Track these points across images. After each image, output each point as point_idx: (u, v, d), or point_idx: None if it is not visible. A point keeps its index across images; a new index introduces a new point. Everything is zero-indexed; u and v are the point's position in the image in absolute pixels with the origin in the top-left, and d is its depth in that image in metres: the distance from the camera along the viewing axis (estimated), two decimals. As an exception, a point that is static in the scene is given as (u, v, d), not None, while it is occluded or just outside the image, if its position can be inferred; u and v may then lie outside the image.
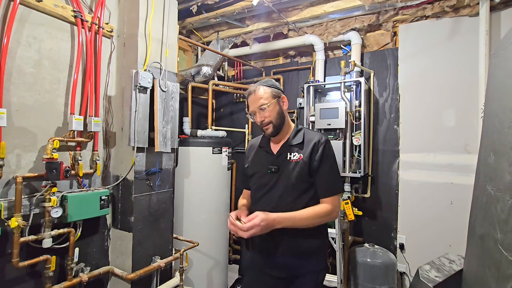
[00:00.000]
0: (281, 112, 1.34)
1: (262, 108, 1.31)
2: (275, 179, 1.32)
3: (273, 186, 1.32)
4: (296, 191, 1.29)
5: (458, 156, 2.57)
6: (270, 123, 1.31)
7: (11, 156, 1.58)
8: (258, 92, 1.33)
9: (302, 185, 1.29)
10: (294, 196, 1.29)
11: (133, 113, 1.96)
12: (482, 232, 1.27)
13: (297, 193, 1.29)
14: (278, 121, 1.32)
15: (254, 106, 1.33)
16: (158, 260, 2.14)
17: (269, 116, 1.30)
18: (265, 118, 1.31)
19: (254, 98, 1.33)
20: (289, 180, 1.29)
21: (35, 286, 1.70)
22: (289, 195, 1.29)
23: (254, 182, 1.42)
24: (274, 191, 1.32)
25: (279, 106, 1.33)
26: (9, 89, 1.58)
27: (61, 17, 1.80)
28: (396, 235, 2.84)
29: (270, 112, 1.30)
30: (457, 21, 2.61)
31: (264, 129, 1.34)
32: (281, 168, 1.32)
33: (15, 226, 1.49)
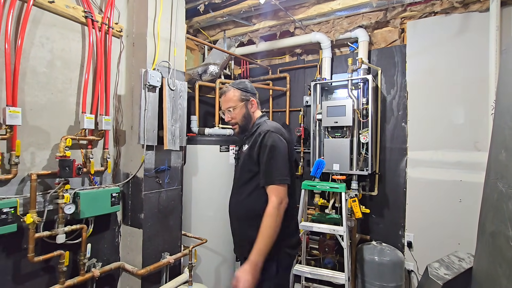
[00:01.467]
0: (247, 114, 1.47)
1: (229, 110, 1.46)
2: (238, 168, 1.52)
3: (236, 174, 1.53)
4: (243, 178, 1.44)
5: (467, 154, 2.55)
6: (236, 124, 1.47)
7: (25, 154, 1.62)
8: (227, 94, 1.47)
9: (247, 174, 1.43)
10: (241, 183, 1.44)
11: (142, 111, 1.99)
12: (492, 230, 1.27)
13: (244, 180, 1.43)
14: (243, 123, 1.46)
15: (223, 106, 1.50)
16: (168, 256, 2.17)
17: (234, 117, 1.46)
18: (231, 119, 1.46)
19: (224, 99, 1.49)
20: (241, 167, 1.46)
21: (49, 280, 1.75)
22: (241, 182, 1.45)
23: None
24: (236, 179, 1.52)
25: (245, 108, 1.46)
26: (23, 88, 1.62)
27: (72, 18, 1.83)
28: (403, 233, 2.83)
29: (236, 115, 1.45)
30: (467, 17, 2.57)
31: (233, 128, 1.52)
32: (241, 157, 1.50)
33: (30, 222, 1.53)
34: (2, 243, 1.54)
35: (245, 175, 1.43)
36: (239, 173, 1.48)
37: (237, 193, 1.47)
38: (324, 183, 2.61)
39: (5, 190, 1.54)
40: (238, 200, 1.46)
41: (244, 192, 1.42)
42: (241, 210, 1.44)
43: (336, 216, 2.72)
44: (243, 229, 1.43)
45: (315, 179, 2.69)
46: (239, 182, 1.47)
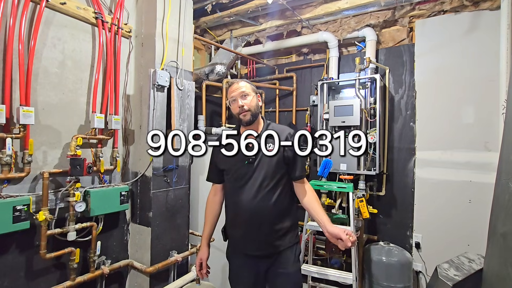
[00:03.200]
0: (258, 105, 1.46)
1: (244, 95, 1.42)
2: (253, 169, 1.40)
3: (251, 176, 1.41)
4: (274, 179, 1.40)
5: (477, 154, 2.51)
6: (249, 111, 1.41)
7: (38, 153, 1.66)
8: (241, 82, 1.46)
9: (278, 174, 1.41)
10: (272, 185, 1.40)
11: (151, 111, 2.02)
12: (504, 231, 1.25)
13: (274, 182, 1.40)
14: (255, 110, 1.43)
15: (236, 92, 1.43)
16: (175, 254, 2.19)
17: (249, 104, 1.41)
18: (245, 104, 1.41)
19: (237, 87, 1.45)
20: (267, 169, 1.40)
21: (60, 277, 1.78)
22: (268, 183, 1.39)
23: (231, 174, 1.48)
24: (253, 181, 1.40)
25: (256, 100, 1.46)
26: (36, 88, 1.65)
27: (83, 19, 1.86)
28: (412, 233, 2.80)
29: (251, 101, 1.42)
30: (477, 15, 2.53)
31: (242, 115, 1.42)
32: (258, 158, 1.41)
33: (43, 219, 1.57)
34: (16, 240, 1.58)
35: (275, 176, 1.40)
36: (264, 175, 1.39)
37: (263, 195, 1.39)
38: (331, 183, 2.60)
39: (18, 188, 1.58)
40: (270, 202, 1.39)
41: (275, 192, 1.40)
42: (276, 210, 1.40)
43: (343, 216, 2.71)
44: (277, 226, 1.42)
45: (322, 179, 2.69)
46: (265, 183, 1.39)
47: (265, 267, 1.46)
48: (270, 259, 1.45)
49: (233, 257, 1.56)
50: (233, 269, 1.56)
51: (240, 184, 1.43)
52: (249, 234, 1.43)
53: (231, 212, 1.51)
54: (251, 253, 1.46)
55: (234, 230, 1.51)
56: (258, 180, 1.39)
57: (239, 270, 1.53)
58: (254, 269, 1.47)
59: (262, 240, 1.42)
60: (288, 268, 1.44)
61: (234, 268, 1.56)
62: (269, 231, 1.41)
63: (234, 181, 1.46)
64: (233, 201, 1.47)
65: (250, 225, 1.41)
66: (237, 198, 1.44)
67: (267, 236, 1.41)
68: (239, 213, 1.44)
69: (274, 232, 1.42)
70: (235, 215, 1.47)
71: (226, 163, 1.50)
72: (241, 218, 1.44)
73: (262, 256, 1.45)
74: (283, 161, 1.42)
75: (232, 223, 1.51)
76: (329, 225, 1.32)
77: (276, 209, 1.41)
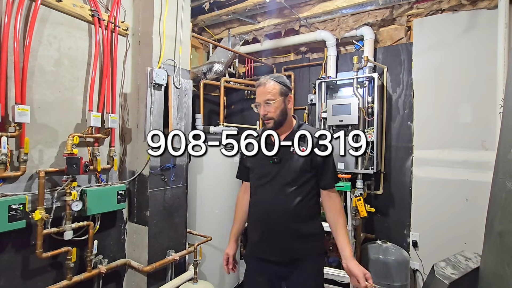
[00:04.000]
0: (285, 110, 1.38)
1: (268, 103, 1.34)
2: (277, 170, 1.35)
3: (275, 176, 1.36)
4: (297, 182, 1.34)
5: (474, 153, 2.52)
6: (272, 119, 1.35)
7: (34, 152, 1.65)
8: (267, 85, 1.35)
9: (303, 177, 1.34)
10: (295, 186, 1.33)
11: (148, 109, 2.01)
12: (500, 229, 1.26)
13: (298, 184, 1.34)
14: (279, 118, 1.36)
15: (260, 98, 1.36)
16: (173, 253, 2.19)
17: (273, 112, 1.34)
18: (268, 113, 1.34)
19: (262, 91, 1.36)
20: (292, 171, 1.34)
21: (57, 276, 1.77)
22: (292, 185, 1.33)
23: (255, 173, 1.45)
24: (277, 181, 1.35)
25: (284, 104, 1.37)
26: (32, 87, 1.64)
27: (79, 16, 1.84)
28: (409, 232, 2.81)
29: (275, 109, 1.34)
30: (474, 14, 2.54)
31: (266, 122, 1.38)
32: (283, 159, 1.35)
33: (39, 219, 1.55)
34: (11, 239, 1.57)
35: (299, 178, 1.34)
36: (287, 176, 1.34)
37: (284, 197, 1.33)
38: (329, 182, 2.60)
39: (14, 187, 1.56)
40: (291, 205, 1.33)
41: (298, 195, 1.33)
42: (297, 214, 1.33)
43: (341, 215, 2.71)
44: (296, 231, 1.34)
45: (320, 178, 2.69)
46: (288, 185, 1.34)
47: (282, 274, 1.39)
48: (288, 267, 1.37)
49: (250, 260, 1.49)
50: (249, 272, 1.48)
51: (262, 183, 1.39)
52: (266, 236, 1.37)
53: (251, 211, 1.47)
54: (268, 258, 1.39)
55: (252, 231, 1.45)
56: (281, 181, 1.34)
57: (255, 274, 1.45)
58: (270, 275, 1.40)
59: (279, 244, 1.35)
60: (308, 281, 1.35)
61: (250, 271, 1.48)
62: (287, 236, 1.34)
63: (257, 180, 1.43)
64: (254, 201, 1.43)
65: (267, 226, 1.36)
66: (257, 197, 1.40)
67: (284, 240, 1.34)
68: (258, 213, 1.40)
69: (292, 237, 1.34)
70: (255, 215, 1.43)
71: (251, 161, 1.46)
72: (260, 219, 1.39)
73: (279, 262, 1.37)
74: (310, 164, 1.34)
75: (252, 224, 1.46)
76: (350, 260, 1.27)
77: (297, 213, 1.33)
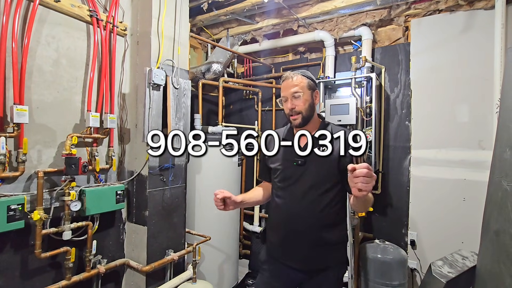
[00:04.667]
0: (313, 105, 1.30)
1: (296, 96, 1.26)
2: (301, 172, 1.28)
3: (298, 178, 1.28)
4: (324, 185, 1.26)
5: (471, 152, 2.54)
6: (300, 114, 1.27)
7: (32, 152, 1.65)
8: (294, 78, 1.28)
9: (330, 180, 1.26)
10: (321, 191, 1.26)
11: (147, 110, 2.01)
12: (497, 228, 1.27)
13: (325, 188, 1.26)
14: (308, 113, 1.28)
15: (287, 91, 1.28)
16: (172, 253, 2.19)
17: (301, 105, 1.26)
18: (296, 106, 1.26)
19: (289, 84, 1.28)
20: (318, 173, 1.26)
21: (56, 276, 1.77)
22: (317, 189, 1.26)
23: (278, 174, 1.36)
24: (300, 184, 1.28)
25: (311, 98, 1.29)
26: (30, 87, 1.64)
27: (77, 17, 1.85)
28: (407, 231, 2.83)
29: (303, 102, 1.26)
30: (472, 15, 2.55)
31: (292, 118, 1.29)
32: (309, 161, 1.27)
33: (38, 219, 1.56)
34: (10, 239, 1.57)
35: (326, 181, 1.25)
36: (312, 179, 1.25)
37: (310, 201, 1.25)
38: (327, 182, 2.61)
39: (12, 187, 1.57)
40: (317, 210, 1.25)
41: (323, 200, 1.25)
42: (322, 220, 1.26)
43: (339, 215, 2.72)
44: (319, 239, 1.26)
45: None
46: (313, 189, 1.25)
47: (299, 280, 1.33)
48: (307, 274, 1.31)
49: (267, 263, 1.42)
50: (265, 276, 1.42)
51: (285, 185, 1.32)
52: (287, 242, 1.31)
53: (273, 214, 1.41)
54: (287, 263, 1.32)
55: (273, 234, 1.38)
56: (306, 184, 1.26)
57: (271, 279, 1.39)
58: (288, 281, 1.35)
59: (300, 251, 1.28)
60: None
61: (266, 275, 1.41)
62: (310, 243, 1.26)
63: (280, 182, 1.35)
64: (276, 203, 1.36)
65: (290, 230, 1.28)
66: (280, 200, 1.33)
67: (306, 247, 1.27)
68: (280, 216, 1.33)
69: (315, 245, 1.26)
70: (277, 218, 1.36)
71: (274, 162, 1.38)
72: (282, 222, 1.32)
73: (298, 269, 1.31)
74: (338, 167, 1.24)
75: (273, 226, 1.40)
76: None
77: (321, 220, 1.25)
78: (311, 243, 1.27)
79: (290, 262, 1.32)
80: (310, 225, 1.25)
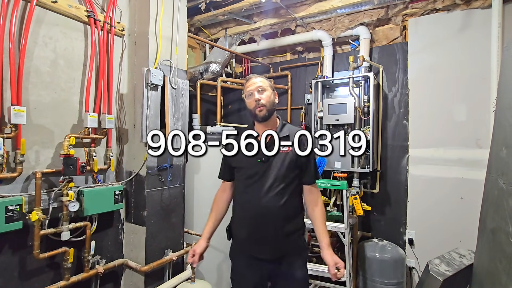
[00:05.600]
0: (274, 102, 1.44)
1: (260, 90, 1.39)
2: (265, 168, 1.38)
3: (262, 175, 1.38)
4: (285, 179, 1.38)
5: (469, 151, 2.55)
6: (264, 106, 1.38)
7: (30, 153, 1.65)
8: (258, 77, 1.45)
9: (290, 175, 1.39)
10: (283, 185, 1.37)
11: (144, 110, 2.01)
12: (493, 226, 1.28)
13: (286, 182, 1.38)
14: (270, 107, 1.40)
15: (253, 86, 1.41)
16: (170, 253, 2.19)
17: (266, 99, 1.38)
18: (261, 99, 1.38)
19: (254, 81, 1.43)
20: (279, 170, 1.37)
21: (54, 277, 1.77)
22: (279, 183, 1.37)
23: (243, 172, 1.46)
24: (265, 180, 1.38)
25: (273, 96, 1.44)
26: (28, 88, 1.64)
27: (75, 17, 1.84)
28: (405, 230, 2.84)
29: (267, 97, 1.39)
30: (469, 14, 2.56)
31: (258, 110, 1.39)
32: (272, 158, 1.39)
33: (36, 220, 1.56)
34: (8, 240, 1.57)
35: (286, 177, 1.38)
36: (275, 175, 1.37)
37: (272, 196, 1.36)
38: (325, 181, 2.62)
39: (10, 188, 1.56)
40: (279, 203, 1.36)
41: (285, 194, 1.37)
42: (284, 212, 1.37)
43: (338, 214, 2.73)
44: (284, 229, 1.38)
45: (317, 177, 2.70)
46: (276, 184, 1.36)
47: (270, 270, 1.43)
48: (275, 263, 1.41)
49: (237, 258, 1.52)
50: (237, 269, 1.52)
51: (250, 182, 1.41)
52: (255, 234, 1.40)
53: (238, 210, 1.49)
54: (256, 255, 1.42)
55: (239, 230, 1.48)
56: (269, 180, 1.37)
57: (243, 271, 1.48)
58: (258, 271, 1.44)
59: (267, 242, 1.38)
60: (295, 273, 1.41)
61: (238, 268, 1.52)
62: (276, 233, 1.37)
63: (245, 179, 1.44)
64: (242, 200, 1.46)
65: (256, 225, 1.38)
66: (246, 196, 1.43)
67: (273, 238, 1.37)
68: (246, 212, 1.42)
69: (281, 235, 1.37)
70: (242, 214, 1.45)
71: (238, 161, 1.47)
72: (248, 217, 1.41)
73: (267, 259, 1.41)
74: (296, 163, 1.39)
75: (239, 222, 1.48)
76: (326, 250, 1.37)
77: (284, 211, 1.37)
78: (276, 233, 1.37)
79: (259, 254, 1.42)
80: (275, 217, 1.36)
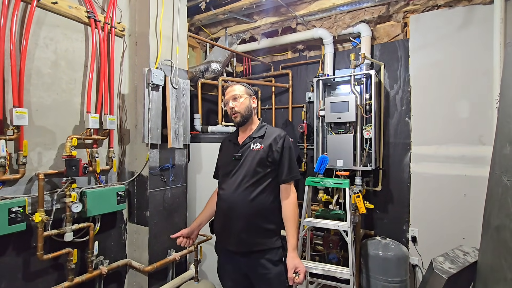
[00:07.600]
0: (250, 107, 1.55)
1: (235, 98, 1.52)
2: (238, 165, 1.49)
3: (236, 171, 1.49)
4: (255, 176, 1.45)
5: (471, 148, 2.53)
6: (239, 113, 1.51)
7: (32, 154, 1.65)
8: (235, 86, 1.57)
9: (260, 172, 1.46)
10: (253, 181, 1.45)
11: (146, 110, 2.01)
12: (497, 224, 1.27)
13: (256, 179, 1.45)
14: (245, 113, 1.52)
15: (229, 95, 1.54)
16: (174, 253, 2.20)
17: (239, 106, 1.51)
18: (235, 106, 1.51)
19: (231, 90, 1.55)
20: (250, 166, 1.46)
21: (58, 277, 1.78)
22: (248, 180, 1.45)
23: (222, 170, 1.61)
24: (236, 176, 1.48)
25: (249, 102, 1.55)
26: (29, 89, 1.64)
27: (75, 18, 1.84)
28: (408, 228, 2.83)
29: (241, 104, 1.51)
30: (470, 10, 2.54)
31: (233, 117, 1.53)
32: (244, 155, 1.49)
33: (39, 221, 1.56)
34: (12, 242, 1.58)
35: (256, 173, 1.45)
36: (245, 171, 1.46)
37: (244, 190, 1.44)
38: (327, 179, 2.61)
39: (13, 190, 1.57)
40: (248, 198, 1.43)
41: (255, 190, 1.44)
42: (254, 207, 1.43)
43: (340, 212, 2.72)
44: (254, 224, 1.44)
45: (319, 175, 2.70)
46: (246, 180, 1.44)
47: (246, 266, 1.48)
48: (249, 258, 1.45)
49: (218, 251, 1.61)
50: (219, 263, 1.61)
51: (226, 179, 1.52)
52: (226, 227, 1.49)
53: (217, 205, 1.58)
54: (229, 248, 1.49)
55: (216, 223, 1.58)
56: (240, 176, 1.47)
57: (224, 264, 1.57)
58: (236, 266, 1.50)
59: (236, 235, 1.44)
60: (268, 270, 1.43)
61: (220, 262, 1.61)
62: (244, 228, 1.43)
63: (223, 176, 1.57)
64: (219, 196, 1.55)
65: (227, 218, 1.47)
66: (222, 191, 1.53)
67: (241, 232, 1.43)
68: (222, 206, 1.51)
69: (249, 230, 1.43)
70: (219, 208, 1.55)
71: (220, 160, 1.66)
72: (221, 211, 1.51)
73: (239, 252, 1.46)
74: (266, 160, 1.46)
75: (216, 217, 1.59)
76: (290, 252, 1.41)
77: (254, 207, 1.43)
78: (244, 227, 1.44)
79: (229, 246, 1.49)
80: (244, 211, 1.43)
